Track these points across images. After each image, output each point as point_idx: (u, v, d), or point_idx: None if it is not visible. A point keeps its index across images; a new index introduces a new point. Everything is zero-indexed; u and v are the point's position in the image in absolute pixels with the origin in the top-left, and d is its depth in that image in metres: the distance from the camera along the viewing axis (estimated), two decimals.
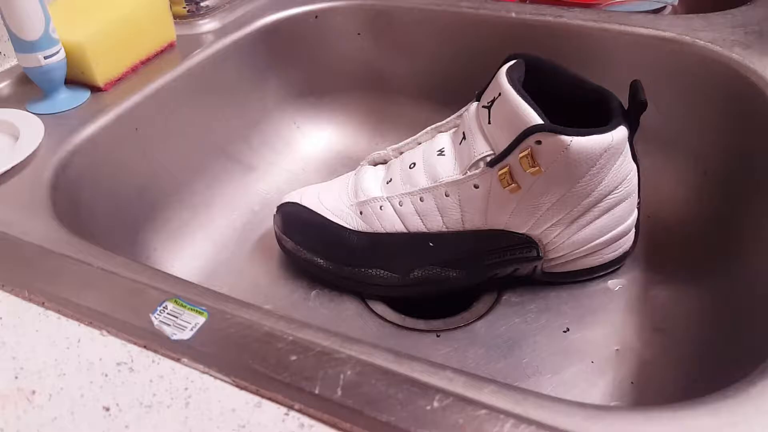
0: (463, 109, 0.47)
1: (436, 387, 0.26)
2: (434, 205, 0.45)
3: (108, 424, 0.26)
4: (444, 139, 0.46)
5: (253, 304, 0.31)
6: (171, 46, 0.59)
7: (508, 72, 0.43)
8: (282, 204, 0.53)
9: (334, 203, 0.50)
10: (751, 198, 0.46)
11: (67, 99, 0.51)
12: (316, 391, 0.26)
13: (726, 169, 0.51)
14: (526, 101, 0.40)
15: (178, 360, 0.29)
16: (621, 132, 0.40)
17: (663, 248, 0.51)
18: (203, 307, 0.31)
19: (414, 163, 0.47)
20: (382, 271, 0.48)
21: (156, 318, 0.30)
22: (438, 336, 0.47)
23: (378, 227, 0.47)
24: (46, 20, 0.47)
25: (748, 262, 0.43)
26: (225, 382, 0.28)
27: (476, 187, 0.43)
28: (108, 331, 0.30)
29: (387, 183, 0.48)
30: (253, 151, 0.64)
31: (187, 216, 0.57)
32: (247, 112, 0.64)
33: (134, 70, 0.56)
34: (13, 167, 0.43)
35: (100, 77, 0.52)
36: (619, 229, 0.46)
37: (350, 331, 0.48)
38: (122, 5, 0.54)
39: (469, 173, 0.43)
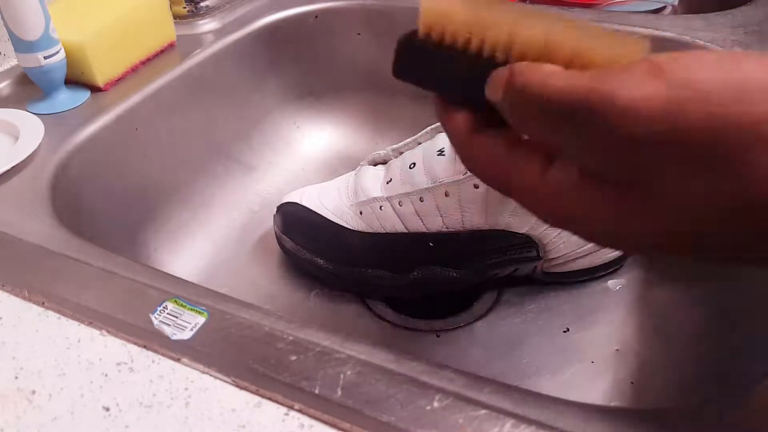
0: None
1: (436, 387, 0.26)
2: (434, 205, 0.45)
3: (108, 424, 0.26)
4: (444, 139, 0.46)
5: (253, 304, 0.31)
6: (171, 46, 0.59)
7: None
8: (282, 204, 0.53)
9: (334, 203, 0.50)
10: None
11: (67, 99, 0.51)
12: (316, 391, 0.26)
13: None
14: None
15: (178, 360, 0.29)
16: None
17: None
18: (203, 307, 0.31)
19: (414, 163, 0.47)
20: (382, 271, 0.48)
21: (156, 318, 0.30)
22: (438, 336, 0.47)
23: (378, 227, 0.47)
24: (46, 20, 0.47)
25: None
26: (225, 382, 0.28)
27: (476, 187, 0.43)
28: (108, 331, 0.30)
29: (387, 183, 0.48)
30: (253, 151, 0.64)
31: (187, 216, 0.57)
32: (247, 112, 0.64)
33: (134, 70, 0.56)
34: (13, 167, 0.43)
35: (100, 77, 0.52)
36: None
37: (350, 331, 0.48)
38: (122, 5, 0.54)
39: (468, 173, 0.43)
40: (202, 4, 0.65)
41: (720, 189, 0.20)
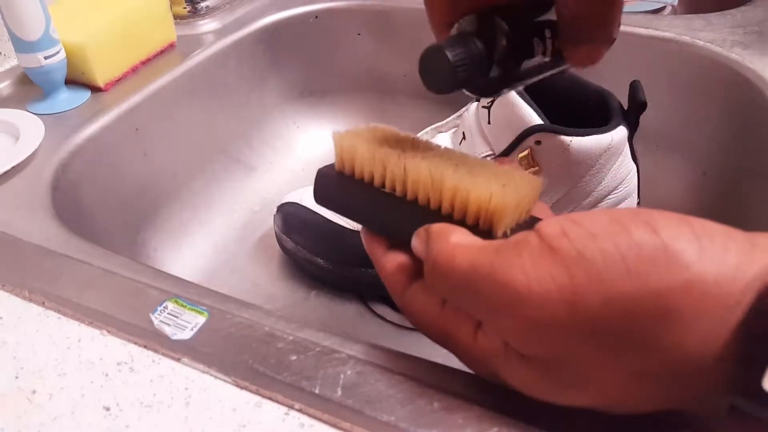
0: (463, 109, 0.47)
1: (436, 387, 0.27)
2: None
3: (109, 424, 0.26)
4: (444, 139, 0.46)
5: (253, 303, 0.32)
6: (171, 46, 0.59)
7: None
8: (282, 204, 0.53)
9: None
10: (750, 198, 0.46)
11: (67, 99, 0.51)
12: (316, 391, 0.26)
13: (725, 169, 0.51)
14: (525, 101, 0.40)
15: (178, 360, 0.29)
16: (621, 132, 0.40)
17: None
18: (203, 307, 0.31)
19: None
20: None
21: (156, 318, 0.30)
22: None
23: None
24: (47, 20, 0.47)
25: None
26: (225, 381, 0.28)
27: None
28: (108, 331, 0.30)
29: None
30: (253, 151, 0.64)
31: (187, 216, 0.57)
32: (247, 112, 0.64)
33: (134, 70, 0.56)
34: (13, 167, 0.43)
35: (101, 77, 0.52)
36: None
37: (350, 331, 0.48)
38: (122, 5, 0.54)
39: None
40: (202, 4, 0.65)
41: (630, 364, 0.20)
